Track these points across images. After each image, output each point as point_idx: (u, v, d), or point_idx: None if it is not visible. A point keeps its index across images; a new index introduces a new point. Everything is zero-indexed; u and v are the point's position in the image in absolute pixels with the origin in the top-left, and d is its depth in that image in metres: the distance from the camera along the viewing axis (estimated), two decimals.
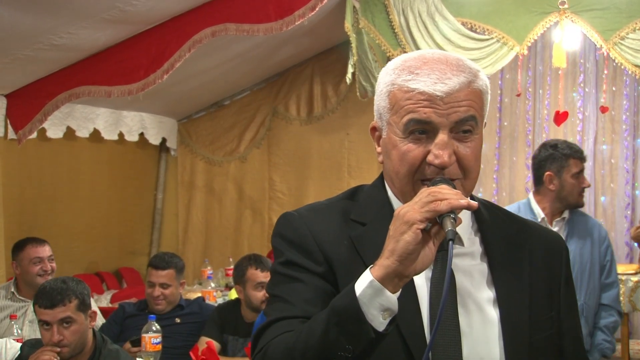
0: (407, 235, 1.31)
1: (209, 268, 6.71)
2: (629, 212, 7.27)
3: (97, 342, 3.32)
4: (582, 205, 3.94)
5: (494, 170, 7.85)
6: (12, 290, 4.63)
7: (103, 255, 7.21)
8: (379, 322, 1.31)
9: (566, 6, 5.84)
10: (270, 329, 1.45)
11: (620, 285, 5.34)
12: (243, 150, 7.87)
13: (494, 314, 1.50)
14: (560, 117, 6.50)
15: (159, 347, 3.90)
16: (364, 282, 1.32)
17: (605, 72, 7.13)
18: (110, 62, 5.08)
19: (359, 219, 1.53)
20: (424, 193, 1.35)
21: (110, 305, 6.08)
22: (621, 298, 5.37)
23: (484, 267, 1.53)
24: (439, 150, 1.44)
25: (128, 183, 7.55)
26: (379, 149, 1.57)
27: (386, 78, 1.52)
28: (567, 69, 7.05)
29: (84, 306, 3.27)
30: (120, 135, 6.90)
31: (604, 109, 6.66)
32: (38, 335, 3.63)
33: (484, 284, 1.52)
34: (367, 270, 1.34)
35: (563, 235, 3.82)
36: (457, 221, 1.34)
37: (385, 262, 1.32)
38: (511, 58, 6.03)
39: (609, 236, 4.15)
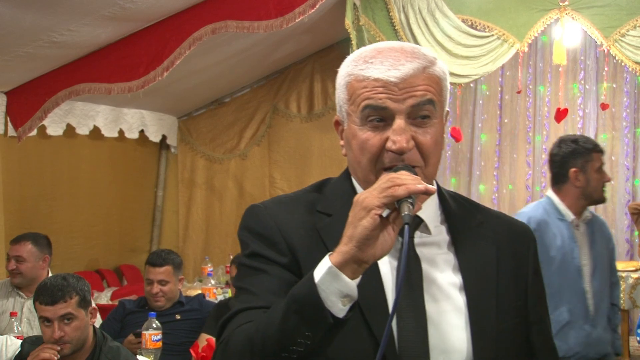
0: (365, 221, 1.31)
1: (209, 265, 6.72)
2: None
3: (98, 339, 3.32)
4: (604, 200, 3.82)
5: (494, 167, 7.85)
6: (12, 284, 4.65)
7: (103, 253, 7.22)
8: (339, 308, 1.32)
9: (566, 3, 5.85)
10: (234, 319, 1.46)
11: (621, 282, 5.36)
12: (243, 148, 7.87)
13: (461, 300, 1.50)
14: (560, 114, 6.50)
15: (159, 344, 3.90)
16: (322, 269, 1.33)
17: (606, 69, 7.13)
18: (111, 59, 5.08)
19: (325, 211, 1.54)
20: (383, 179, 1.36)
21: (110, 302, 6.09)
22: (621, 295, 5.39)
23: (450, 256, 1.54)
24: (397, 136, 1.44)
25: (128, 180, 7.55)
26: (342, 142, 1.58)
27: (344, 70, 1.54)
28: (568, 66, 7.04)
29: (85, 302, 3.27)
30: (121, 132, 6.90)
31: (604, 106, 6.66)
32: (36, 333, 3.63)
33: (450, 272, 1.52)
34: (326, 256, 1.34)
35: (586, 236, 3.68)
36: (415, 206, 1.34)
37: (343, 248, 1.32)
38: (511, 55, 6.03)
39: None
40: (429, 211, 1.53)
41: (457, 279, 1.51)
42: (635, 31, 5.74)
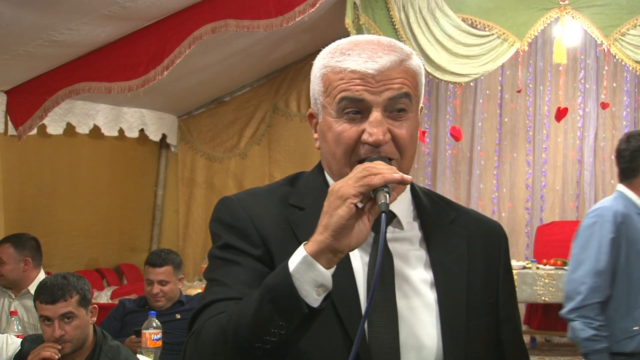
0: (340, 210, 1.30)
1: None
2: None
3: (98, 338, 3.32)
4: None
5: (494, 166, 7.85)
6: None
7: (103, 252, 7.22)
8: (313, 298, 1.30)
9: (567, 2, 5.85)
10: (206, 311, 1.44)
11: None
12: (243, 147, 7.87)
13: (431, 297, 1.49)
14: (560, 113, 6.51)
15: (159, 343, 3.91)
16: (297, 258, 1.31)
17: (606, 68, 7.14)
18: (111, 58, 5.08)
19: (298, 204, 1.53)
20: (359, 168, 1.35)
21: (110, 301, 6.09)
22: None
23: (422, 252, 1.53)
24: (373, 128, 1.43)
25: (128, 179, 7.55)
26: (316, 135, 1.56)
27: (320, 62, 1.52)
28: (568, 65, 7.05)
29: (85, 301, 3.27)
30: (121, 131, 6.90)
31: (604, 105, 6.66)
32: (26, 332, 3.64)
33: (422, 268, 1.51)
34: (301, 246, 1.33)
35: None
36: (391, 195, 1.33)
37: (319, 237, 1.31)
38: (511, 54, 6.03)
39: None
40: (402, 207, 1.53)
41: (428, 275, 1.51)
42: (636, 30, 5.74)
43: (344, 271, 1.42)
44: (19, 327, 3.95)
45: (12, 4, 4.10)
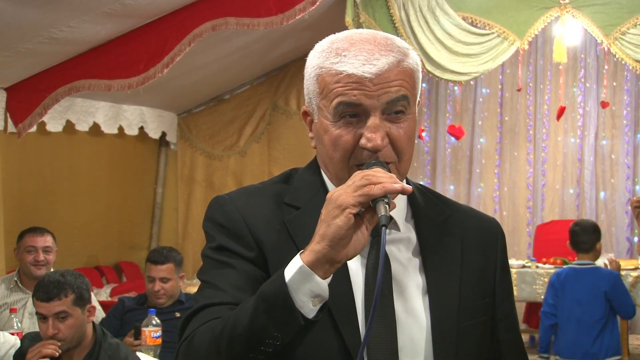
0: (339, 220, 1.27)
1: None
2: (629, 208, 7.26)
3: (97, 335, 3.31)
4: None
5: (495, 165, 7.85)
6: (15, 279, 4.62)
7: (103, 249, 7.22)
8: (309, 308, 1.28)
9: (567, 1, 5.84)
10: (198, 316, 1.41)
11: None
12: (243, 145, 7.87)
13: (425, 301, 1.47)
14: (558, 112, 6.51)
15: (159, 341, 3.90)
16: (293, 268, 1.28)
17: (606, 67, 7.13)
18: (111, 55, 5.08)
19: (293, 203, 1.49)
20: (358, 176, 1.31)
21: (110, 299, 6.09)
22: None
23: (416, 255, 1.51)
24: (372, 134, 1.39)
25: (128, 177, 7.55)
26: (311, 134, 1.52)
27: (314, 61, 1.48)
28: (568, 64, 7.04)
29: (81, 301, 3.24)
30: (120, 129, 6.90)
31: (604, 104, 6.66)
32: (37, 328, 3.62)
33: (416, 272, 1.49)
34: (297, 255, 1.30)
35: None
36: (390, 206, 1.30)
37: (316, 247, 1.28)
38: (512, 53, 6.03)
39: (609, 231, 4.13)
40: (398, 207, 1.49)
41: (422, 279, 1.48)
42: (636, 29, 5.73)
43: (341, 276, 1.39)
44: (19, 325, 3.94)
45: (12, 2, 4.09)
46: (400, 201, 1.51)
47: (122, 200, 7.48)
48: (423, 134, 7.70)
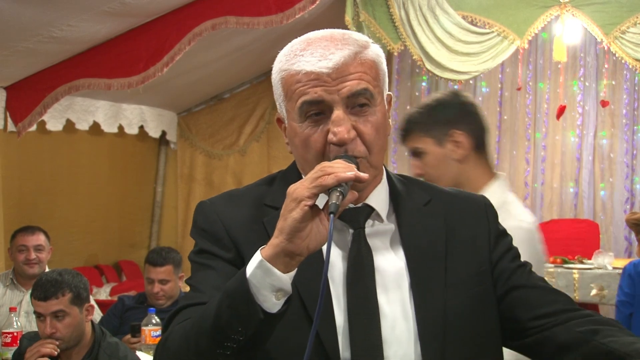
0: (294, 213, 1.28)
1: None
2: (628, 207, 7.26)
3: (96, 334, 3.31)
4: None
5: (493, 164, 7.84)
6: (11, 277, 4.63)
7: (102, 248, 7.22)
8: (272, 302, 1.29)
9: (567, 0, 5.84)
10: (177, 316, 1.45)
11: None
12: (243, 144, 7.87)
13: (409, 291, 1.47)
14: (558, 111, 6.51)
15: (159, 340, 3.90)
16: (254, 263, 1.30)
17: (606, 66, 7.13)
18: (110, 54, 5.08)
19: (273, 204, 1.51)
20: (316, 169, 1.33)
21: (109, 298, 6.09)
22: None
23: (398, 243, 1.51)
24: (336, 127, 1.40)
25: (128, 176, 7.55)
26: (286, 140, 1.55)
27: (277, 66, 1.51)
28: (568, 62, 7.04)
29: (79, 300, 3.24)
30: (120, 128, 6.90)
31: (604, 103, 6.65)
32: (34, 327, 3.62)
33: (400, 263, 1.49)
34: (258, 250, 1.31)
35: None
36: (346, 195, 1.31)
37: (274, 241, 1.29)
38: (512, 52, 6.03)
39: (608, 230, 4.13)
40: (380, 199, 1.51)
41: (405, 269, 1.48)
42: (636, 28, 5.73)
43: (317, 269, 1.38)
44: (18, 324, 3.94)
45: (12, 0, 4.09)
46: (383, 194, 1.53)
47: (122, 199, 7.48)
48: None
